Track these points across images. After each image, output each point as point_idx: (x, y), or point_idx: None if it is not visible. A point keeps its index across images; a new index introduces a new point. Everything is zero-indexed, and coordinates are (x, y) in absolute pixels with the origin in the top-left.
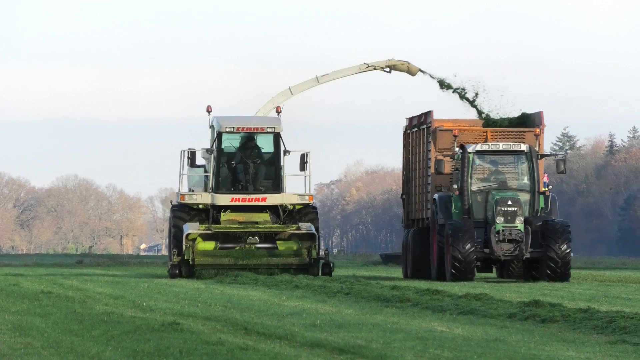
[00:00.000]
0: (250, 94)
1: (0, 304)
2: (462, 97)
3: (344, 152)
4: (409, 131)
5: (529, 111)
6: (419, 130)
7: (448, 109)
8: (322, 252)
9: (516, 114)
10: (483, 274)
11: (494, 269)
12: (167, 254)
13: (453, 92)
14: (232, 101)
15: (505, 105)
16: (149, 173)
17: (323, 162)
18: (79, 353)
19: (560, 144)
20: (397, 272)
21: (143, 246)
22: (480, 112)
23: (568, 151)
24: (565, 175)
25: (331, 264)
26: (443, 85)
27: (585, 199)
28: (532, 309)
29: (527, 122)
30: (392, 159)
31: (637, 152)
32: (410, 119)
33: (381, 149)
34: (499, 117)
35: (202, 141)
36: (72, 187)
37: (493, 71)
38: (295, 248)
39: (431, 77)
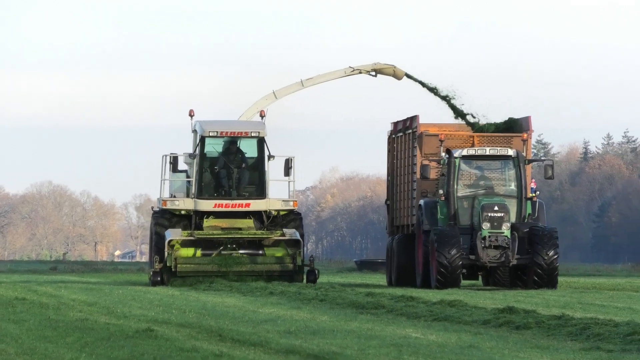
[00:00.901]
0: (233, 98)
1: None
2: (448, 102)
3: (319, 159)
4: (394, 136)
5: (516, 116)
6: (405, 135)
7: (433, 114)
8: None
9: (503, 119)
10: (469, 282)
11: (480, 277)
12: (141, 260)
13: (441, 98)
14: (215, 106)
15: (491, 110)
16: (123, 180)
17: (298, 168)
18: (53, 359)
19: (535, 151)
20: (373, 278)
21: (117, 253)
22: (465, 117)
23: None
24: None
25: (316, 271)
26: (430, 89)
27: (559, 206)
28: (507, 315)
29: (515, 127)
30: (368, 166)
31: (612, 159)
32: (395, 124)
33: (356, 156)
34: (485, 123)
35: (182, 146)
36: (47, 193)
37: (469, 79)
38: (279, 255)
39: (417, 81)
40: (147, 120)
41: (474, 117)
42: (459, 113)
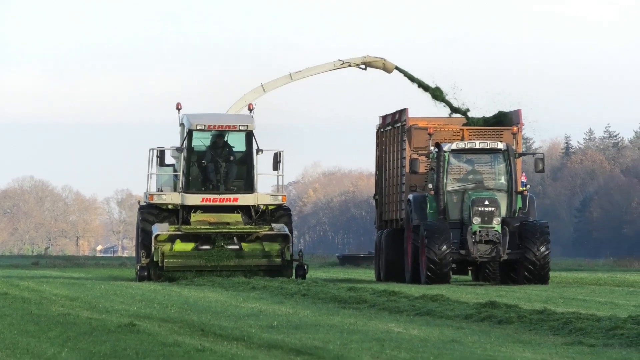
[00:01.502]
0: (221, 92)
1: None
2: (439, 98)
3: (301, 154)
4: (382, 130)
5: (505, 110)
6: (393, 128)
7: (422, 108)
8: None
9: (492, 112)
10: (458, 277)
11: (470, 272)
12: (122, 255)
13: (431, 91)
14: (202, 100)
15: (480, 104)
16: (105, 175)
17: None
18: (35, 354)
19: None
20: (355, 273)
21: (99, 247)
22: (457, 111)
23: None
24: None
25: (305, 266)
26: (419, 83)
27: (541, 201)
28: (489, 310)
29: (504, 121)
30: (350, 161)
31: (593, 154)
32: (384, 117)
33: (338, 151)
34: (474, 116)
35: (168, 141)
36: (28, 188)
37: (456, 75)
38: (267, 250)
39: (406, 74)
40: (129, 116)
41: (463, 108)
42: (449, 105)
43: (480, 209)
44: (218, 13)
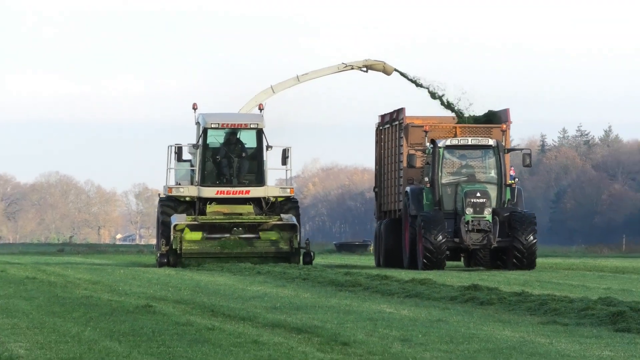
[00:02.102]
0: (233, 92)
1: None
2: (436, 96)
3: (301, 151)
4: (381, 127)
5: (495, 109)
6: (392, 126)
7: (418, 106)
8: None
9: (483, 111)
10: (451, 263)
11: (462, 258)
12: (140, 243)
13: (431, 95)
14: (216, 100)
15: (472, 103)
16: (123, 170)
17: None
18: (61, 333)
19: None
20: (350, 259)
21: (119, 236)
22: (452, 109)
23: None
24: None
25: (312, 253)
26: (417, 84)
27: None
28: (472, 292)
29: (494, 119)
30: (346, 157)
31: (567, 151)
32: (383, 116)
33: (335, 148)
34: (467, 115)
35: (184, 138)
36: (54, 182)
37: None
38: (277, 238)
39: (405, 76)
40: (146, 115)
41: (458, 108)
42: (445, 105)
43: (472, 200)
44: (233, 22)
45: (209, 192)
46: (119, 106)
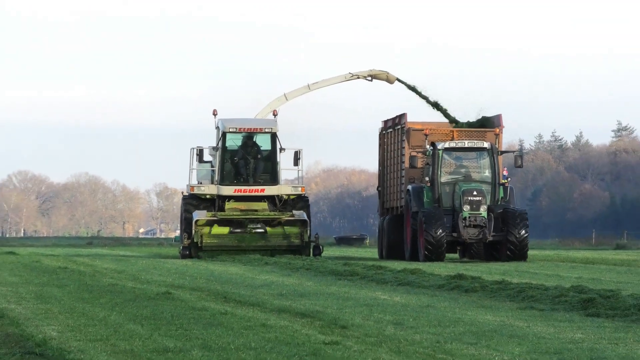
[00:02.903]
0: (250, 99)
1: (25, 277)
2: (433, 104)
3: (305, 153)
4: (384, 132)
5: (488, 115)
6: (394, 130)
7: (415, 112)
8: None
9: (476, 117)
10: (447, 255)
11: (458, 251)
12: (160, 236)
13: (427, 102)
14: (235, 106)
15: (467, 109)
16: (146, 170)
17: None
18: (89, 317)
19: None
20: (349, 251)
21: (141, 230)
22: (447, 116)
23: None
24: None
25: (321, 247)
26: (417, 92)
27: None
28: (457, 281)
29: (487, 124)
30: (345, 160)
31: (542, 154)
32: (386, 122)
33: (335, 152)
34: (462, 121)
35: (205, 141)
36: (84, 182)
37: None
38: (289, 232)
39: (407, 85)
40: (165, 121)
41: (453, 116)
42: (442, 112)
43: (469, 198)
44: (250, 35)
45: (228, 190)
46: (141, 113)
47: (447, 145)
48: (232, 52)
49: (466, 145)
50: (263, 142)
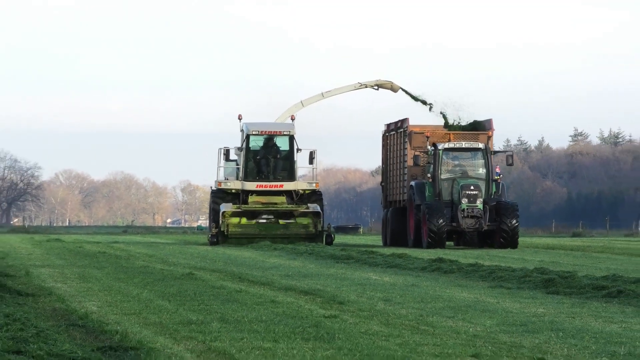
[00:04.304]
0: (270, 105)
1: (70, 260)
2: (431, 109)
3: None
4: (387, 134)
5: (479, 119)
6: (397, 133)
7: (411, 115)
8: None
9: (468, 121)
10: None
11: (454, 239)
12: (185, 225)
13: (429, 108)
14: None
15: (462, 114)
16: (172, 169)
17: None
18: (125, 294)
19: None
20: (344, 238)
21: (169, 220)
22: (446, 120)
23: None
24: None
25: (332, 235)
26: (418, 100)
27: None
28: (438, 264)
29: (479, 127)
30: (342, 160)
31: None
32: (388, 125)
33: (333, 153)
34: (457, 124)
35: (230, 142)
36: (120, 179)
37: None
38: (305, 223)
39: (409, 94)
40: (188, 126)
41: (447, 119)
42: (443, 117)
43: (467, 192)
44: (272, 49)
45: (251, 185)
46: (168, 119)
47: (446, 145)
48: (255, 63)
49: (463, 146)
50: (282, 143)
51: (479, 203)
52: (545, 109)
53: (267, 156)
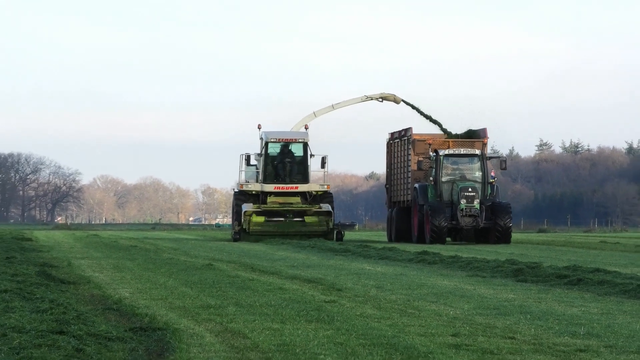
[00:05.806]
0: (286, 115)
1: (106, 253)
2: (432, 120)
3: (314, 160)
4: (391, 141)
5: (474, 128)
6: (401, 140)
7: (410, 125)
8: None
9: (463, 129)
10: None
11: (451, 235)
12: (205, 223)
13: (430, 120)
14: (274, 119)
15: (456, 123)
16: (194, 174)
17: (318, 165)
18: (153, 282)
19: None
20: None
21: (191, 219)
22: (443, 129)
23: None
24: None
25: (342, 232)
26: (419, 111)
27: None
28: (422, 256)
29: (473, 135)
30: (339, 166)
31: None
32: (392, 134)
33: (331, 159)
34: (453, 133)
35: (252, 148)
36: (149, 183)
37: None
38: (317, 221)
39: (410, 105)
40: (208, 137)
41: (445, 128)
42: (438, 125)
43: (465, 193)
44: (287, 66)
45: (269, 187)
46: (190, 131)
47: (447, 152)
48: (272, 79)
49: (462, 152)
50: (297, 149)
51: (476, 203)
52: (514, 122)
53: (284, 161)
